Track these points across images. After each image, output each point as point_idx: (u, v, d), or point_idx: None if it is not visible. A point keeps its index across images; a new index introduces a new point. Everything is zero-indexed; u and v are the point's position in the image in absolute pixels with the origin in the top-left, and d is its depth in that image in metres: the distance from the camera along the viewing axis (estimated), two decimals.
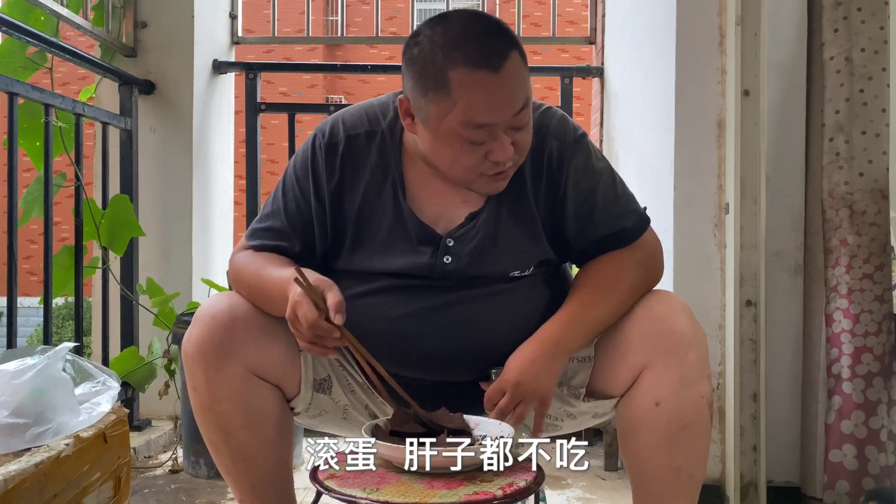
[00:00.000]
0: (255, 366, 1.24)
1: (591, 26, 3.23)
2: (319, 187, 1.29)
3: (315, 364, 1.32)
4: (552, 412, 1.34)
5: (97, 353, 2.62)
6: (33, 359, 1.41)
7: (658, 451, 1.22)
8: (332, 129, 1.31)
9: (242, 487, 1.29)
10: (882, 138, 1.95)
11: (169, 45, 2.79)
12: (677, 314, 1.23)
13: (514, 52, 1.16)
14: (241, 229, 3.08)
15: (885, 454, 1.92)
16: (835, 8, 1.98)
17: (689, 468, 1.23)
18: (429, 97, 1.16)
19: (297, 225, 1.31)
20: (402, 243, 1.27)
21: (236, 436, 1.25)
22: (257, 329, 1.25)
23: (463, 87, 1.13)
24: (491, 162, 1.18)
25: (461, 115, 1.14)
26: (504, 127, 1.17)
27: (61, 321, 8.25)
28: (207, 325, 1.24)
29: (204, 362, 1.23)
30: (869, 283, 1.94)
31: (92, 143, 2.68)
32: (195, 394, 1.26)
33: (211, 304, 1.28)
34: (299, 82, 12.32)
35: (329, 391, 1.34)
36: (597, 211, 1.30)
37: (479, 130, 1.16)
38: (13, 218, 2.06)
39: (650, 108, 2.39)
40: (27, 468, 1.25)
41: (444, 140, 1.18)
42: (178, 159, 2.82)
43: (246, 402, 1.24)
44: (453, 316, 1.26)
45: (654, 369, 1.21)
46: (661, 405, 1.20)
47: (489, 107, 1.14)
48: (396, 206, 1.27)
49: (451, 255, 1.26)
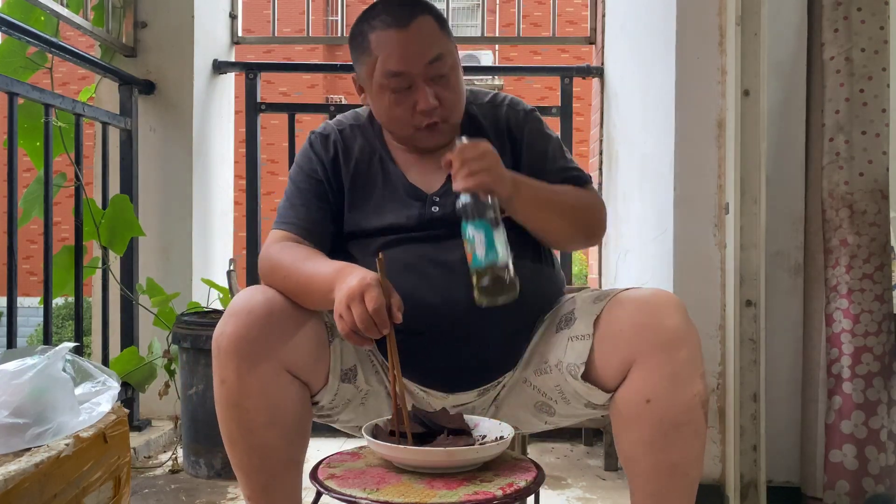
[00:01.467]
0: (287, 363, 1.25)
1: (591, 26, 3.24)
2: (322, 161, 1.46)
3: (343, 354, 1.33)
4: (545, 389, 1.36)
5: (97, 353, 2.62)
6: (33, 359, 1.41)
7: (652, 448, 1.22)
8: (323, 127, 1.52)
9: (254, 485, 1.29)
10: (882, 138, 1.96)
11: (169, 45, 2.79)
12: (671, 311, 1.24)
13: (424, 16, 1.36)
14: (241, 229, 3.08)
15: (885, 454, 1.92)
16: (835, 8, 1.98)
17: (684, 466, 1.23)
18: (361, 62, 1.40)
19: (314, 193, 1.44)
20: (393, 203, 1.42)
21: (258, 433, 1.25)
22: (292, 325, 1.26)
23: (379, 44, 1.36)
24: (419, 113, 1.36)
25: (381, 67, 1.36)
26: (421, 77, 1.35)
27: (61, 321, 8.26)
28: (244, 321, 1.23)
29: (237, 357, 1.22)
30: (869, 283, 1.94)
31: (92, 143, 2.68)
32: (223, 387, 1.25)
33: (247, 299, 1.27)
34: (299, 82, 12.32)
35: (353, 380, 1.35)
36: (548, 162, 1.47)
37: (396, 79, 1.35)
38: (13, 218, 2.06)
39: (650, 108, 2.39)
40: (27, 468, 1.25)
41: (377, 95, 1.38)
42: (178, 159, 2.82)
43: (273, 400, 1.24)
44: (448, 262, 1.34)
45: (645, 365, 1.22)
46: (653, 402, 1.21)
47: (400, 56, 1.34)
48: (385, 172, 1.45)
49: (438, 206, 1.40)
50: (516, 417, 1.42)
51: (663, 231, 2.17)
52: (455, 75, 1.39)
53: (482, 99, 1.51)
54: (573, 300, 1.39)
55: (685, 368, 1.21)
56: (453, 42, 1.41)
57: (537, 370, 1.37)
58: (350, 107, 1.96)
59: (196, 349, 2.32)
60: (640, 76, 2.55)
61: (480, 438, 1.23)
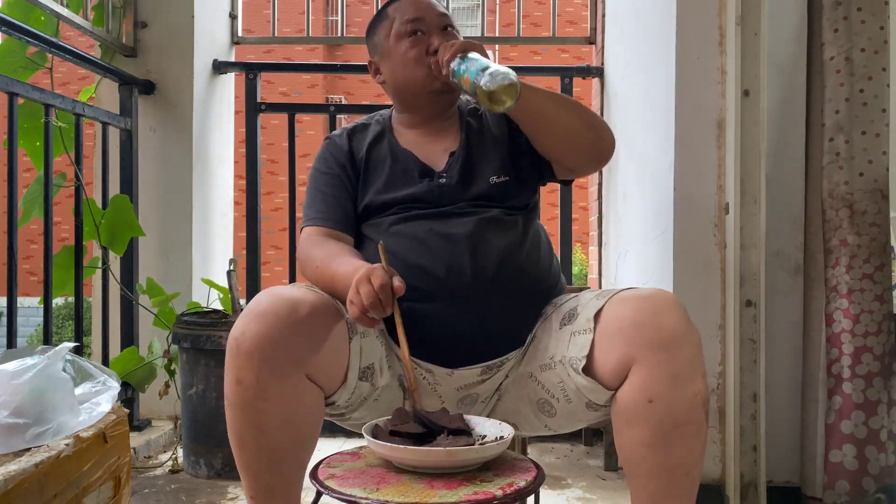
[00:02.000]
0: (309, 368, 1.24)
1: (591, 26, 3.24)
2: (339, 154, 1.58)
3: (363, 352, 1.34)
4: (549, 385, 1.36)
5: (97, 353, 2.62)
6: (33, 359, 1.41)
7: (653, 448, 1.22)
8: (338, 129, 1.65)
9: (258, 486, 1.28)
10: (882, 138, 1.96)
11: (169, 45, 2.80)
12: (671, 310, 1.24)
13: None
14: (241, 229, 3.08)
15: (885, 454, 1.92)
16: (835, 8, 1.98)
17: (684, 466, 1.23)
18: (377, 33, 1.57)
19: (338, 185, 1.55)
20: (403, 179, 1.53)
21: (271, 435, 1.24)
22: (315, 330, 1.25)
23: (396, 8, 1.55)
24: (433, 56, 1.48)
25: (399, 19, 1.53)
26: (435, 26, 1.52)
27: (61, 321, 8.26)
28: (270, 323, 1.22)
29: (259, 359, 1.21)
30: (869, 283, 1.94)
31: (92, 143, 2.68)
32: (239, 387, 1.23)
33: (272, 301, 1.25)
34: (299, 82, 12.33)
35: (371, 378, 1.35)
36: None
37: (413, 24, 1.52)
38: (13, 218, 2.06)
39: (650, 108, 2.39)
40: (27, 468, 1.25)
41: (394, 49, 1.53)
42: (178, 159, 2.82)
43: (291, 404, 1.23)
44: (453, 235, 1.43)
45: (646, 365, 1.22)
46: (655, 402, 1.21)
47: (416, 7, 1.53)
48: (394, 154, 1.56)
49: (445, 178, 1.52)
50: (517, 412, 1.42)
51: (663, 231, 2.17)
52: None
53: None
54: (577, 298, 1.41)
55: (686, 368, 1.21)
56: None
57: (543, 365, 1.38)
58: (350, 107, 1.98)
59: (196, 349, 2.32)
60: (640, 76, 2.55)
61: (480, 438, 1.23)
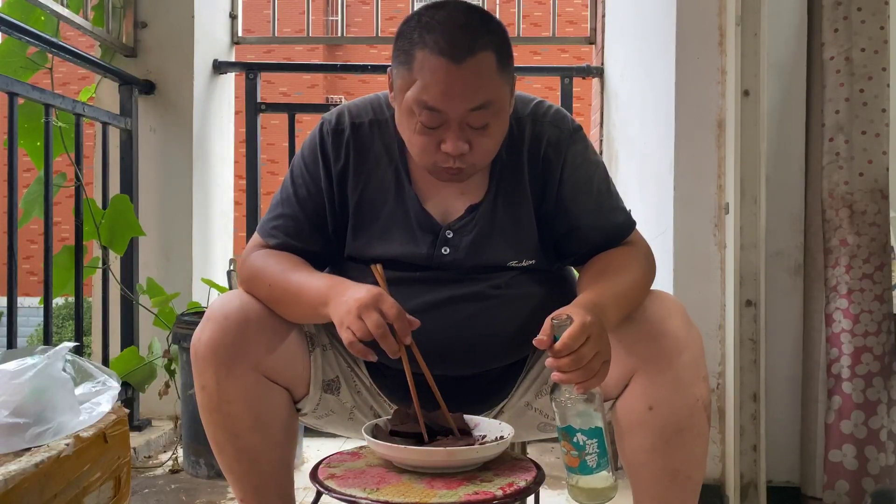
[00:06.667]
0: (265, 368, 1.24)
1: (591, 26, 3.23)
2: (328, 168, 1.32)
3: (324, 365, 1.32)
4: (547, 410, 1.35)
5: (97, 353, 2.62)
6: (33, 359, 1.41)
7: (654, 454, 1.21)
8: (338, 117, 1.34)
9: (245, 487, 1.29)
10: (882, 138, 1.96)
11: (169, 45, 2.79)
12: (671, 316, 1.22)
13: (485, 53, 1.17)
14: (241, 229, 3.08)
15: (884, 454, 1.92)
16: (835, 8, 1.98)
17: (686, 470, 1.23)
18: (399, 69, 1.22)
19: (309, 210, 1.32)
20: (402, 230, 1.29)
21: (243, 437, 1.25)
22: (269, 330, 1.25)
23: (422, 69, 1.17)
24: (443, 153, 1.21)
25: (416, 93, 1.18)
26: (458, 120, 1.19)
27: (61, 321, 8.26)
28: (220, 325, 1.22)
29: (215, 362, 1.21)
30: (869, 283, 1.94)
31: (92, 143, 2.68)
32: (203, 393, 1.24)
33: (222, 304, 1.26)
34: (299, 82, 12.33)
35: (337, 392, 1.34)
36: (591, 199, 1.34)
37: (430, 114, 1.18)
38: (13, 218, 2.06)
39: (650, 108, 2.39)
40: (27, 468, 1.25)
41: (404, 114, 1.22)
42: (178, 159, 2.82)
43: (255, 404, 1.24)
44: (454, 312, 1.27)
45: (647, 372, 1.20)
46: (655, 409, 1.19)
47: (441, 94, 1.17)
48: (399, 190, 1.30)
49: (450, 247, 1.29)
50: (517, 436, 1.39)
51: (663, 231, 2.17)
52: (498, 121, 1.22)
53: (523, 110, 1.34)
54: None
55: (687, 373, 1.19)
56: (511, 80, 1.24)
57: (538, 392, 1.36)
58: None
59: None
60: (640, 76, 2.55)
61: (480, 438, 1.23)
